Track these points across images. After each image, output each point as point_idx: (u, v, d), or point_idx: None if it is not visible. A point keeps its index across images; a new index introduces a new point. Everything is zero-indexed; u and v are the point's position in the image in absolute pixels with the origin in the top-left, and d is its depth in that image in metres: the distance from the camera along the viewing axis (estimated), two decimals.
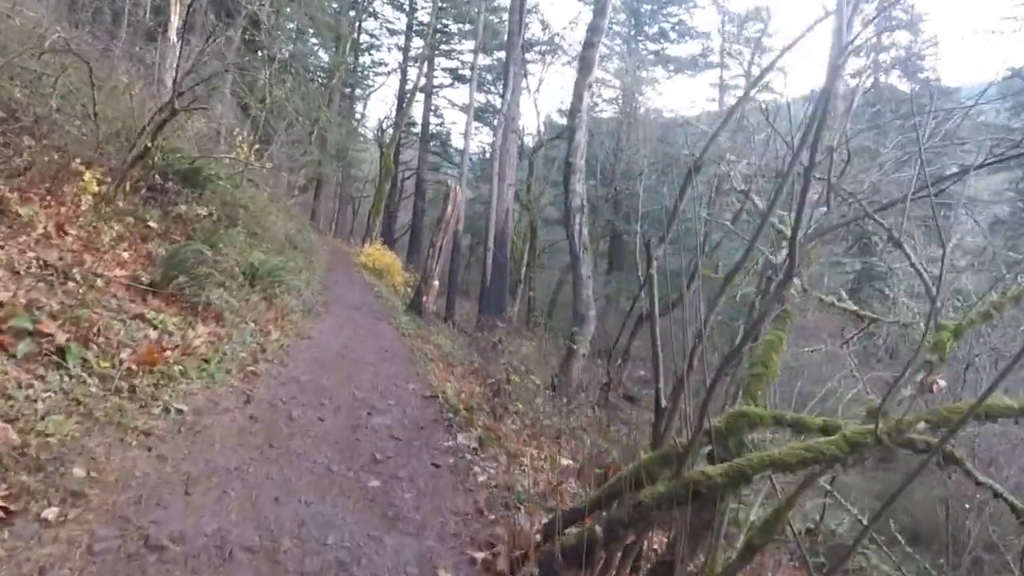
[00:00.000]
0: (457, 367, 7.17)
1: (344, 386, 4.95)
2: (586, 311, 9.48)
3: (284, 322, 6.69)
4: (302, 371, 5.07)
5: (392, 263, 15.79)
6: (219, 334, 4.93)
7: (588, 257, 9.65)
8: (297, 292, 8.74)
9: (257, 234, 9.44)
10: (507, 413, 5.41)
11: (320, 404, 4.31)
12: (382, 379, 5.47)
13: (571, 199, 9.68)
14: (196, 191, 7.89)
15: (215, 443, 3.15)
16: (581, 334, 9.43)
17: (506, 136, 15.77)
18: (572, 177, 9.73)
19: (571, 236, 9.72)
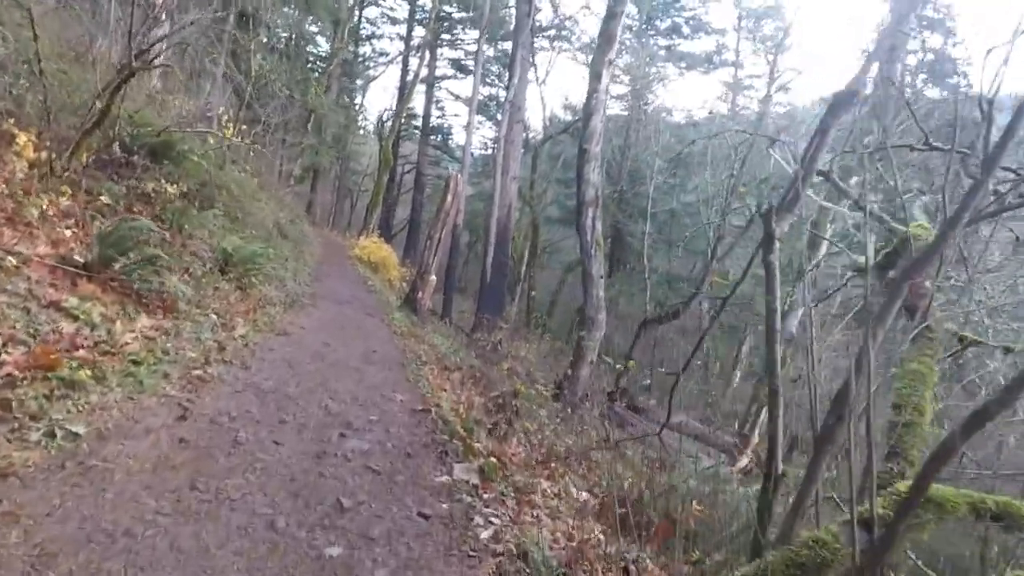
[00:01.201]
0: (454, 372, 6.22)
1: (316, 396, 3.98)
2: (595, 314, 8.54)
3: (258, 315, 5.73)
4: (267, 376, 4.10)
5: (388, 257, 14.83)
6: (165, 328, 3.96)
7: (600, 255, 8.71)
8: (280, 283, 7.79)
9: (239, 219, 8.47)
10: (512, 431, 4.46)
11: (280, 422, 3.35)
12: (365, 387, 4.51)
13: (584, 190, 8.74)
14: (168, 168, 6.93)
15: (110, 486, 2.19)
16: (590, 339, 8.49)
17: (511, 126, 14.83)
18: (586, 166, 8.79)
19: (582, 231, 8.78)
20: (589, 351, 8.53)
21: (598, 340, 8.60)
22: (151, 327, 3.91)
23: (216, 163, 8.99)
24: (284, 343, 5.26)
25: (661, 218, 21.05)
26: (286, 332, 5.75)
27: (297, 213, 15.05)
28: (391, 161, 20.15)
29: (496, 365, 8.73)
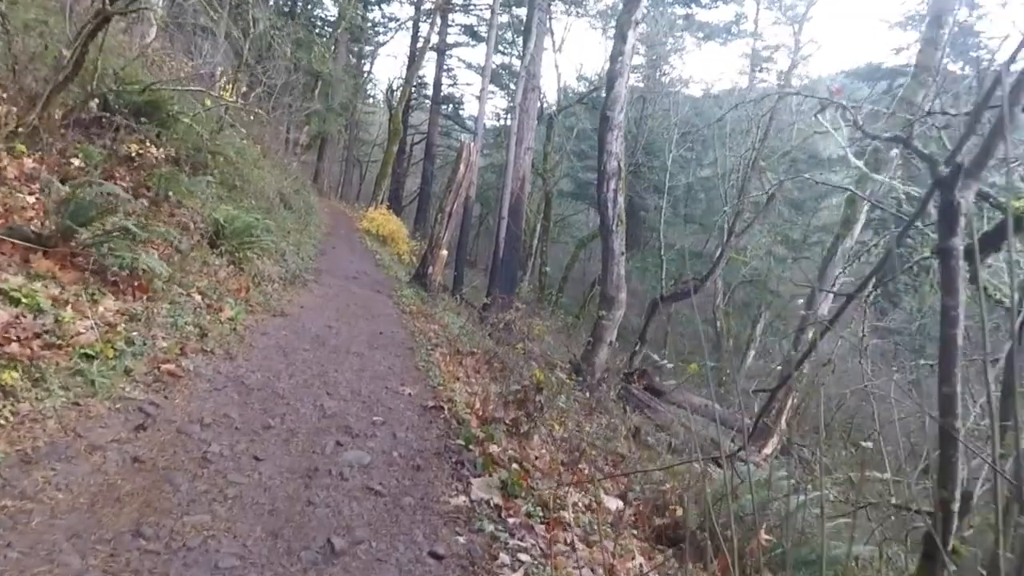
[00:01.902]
0: (467, 356, 5.62)
1: (312, 392, 3.39)
2: (616, 293, 7.86)
3: (251, 294, 5.12)
4: (255, 367, 3.51)
5: (397, 230, 14.15)
6: (134, 313, 3.36)
7: (622, 231, 7.97)
8: (281, 257, 7.16)
9: (237, 188, 7.81)
10: (535, 429, 3.86)
11: (264, 428, 2.76)
12: (369, 378, 3.91)
13: (606, 161, 7.95)
14: (156, 130, 6.25)
15: (20, 537, 1.61)
16: (609, 318, 7.84)
17: (526, 94, 13.87)
18: (608, 135, 7.97)
19: (603, 205, 8.03)
20: (608, 332, 7.90)
21: (618, 320, 7.95)
22: (117, 311, 3.30)
23: (212, 127, 8.29)
24: (280, 326, 4.66)
25: (675, 193, 20.11)
26: (283, 312, 5.15)
27: (303, 183, 14.34)
28: (400, 130, 19.24)
29: (510, 345, 8.13)
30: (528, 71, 13.93)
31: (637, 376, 8.91)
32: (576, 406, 6.65)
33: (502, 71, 24.92)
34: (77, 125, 5.64)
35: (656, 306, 12.37)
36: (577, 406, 6.66)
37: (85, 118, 5.77)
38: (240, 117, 11.19)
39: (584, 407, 6.97)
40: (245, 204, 7.56)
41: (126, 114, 5.96)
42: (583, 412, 6.68)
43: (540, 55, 14.62)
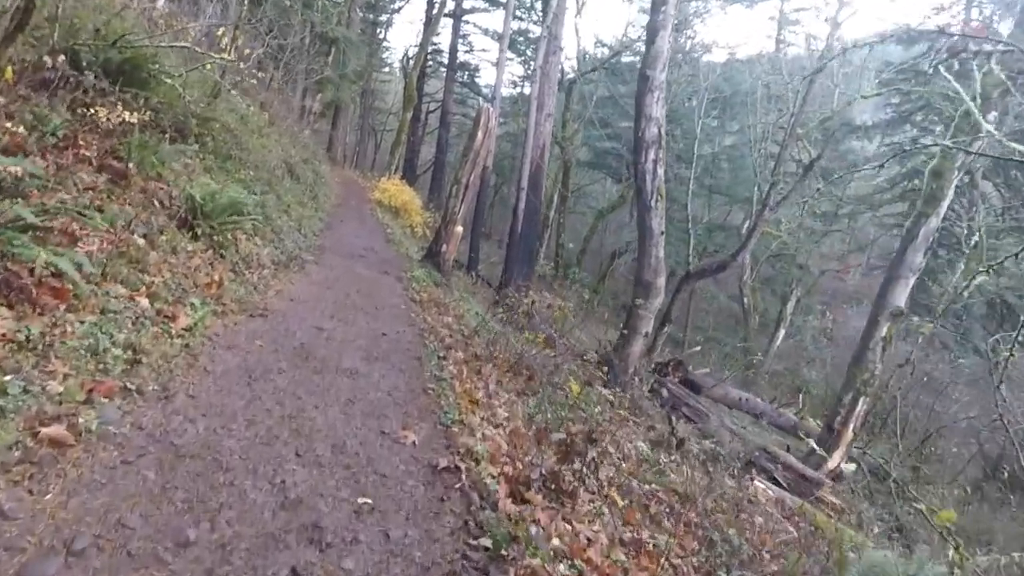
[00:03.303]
0: (487, 363, 4.47)
1: (273, 454, 2.27)
2: (654, 278, 6.61)
3: (229, 288, 3.99)
4: (198, 411, 2.39)
5: (411, 201, 12.87)
6: (31, 336, 2.23)
7: (661, 207, 6.64)
8: (276, 236, 6.01)
9: (233, 158, 6.57)
10: (582, 485, 2.74)
11: (179, 544, 1.64)
12: (361, 416, 2.79)
13: (644, 127, 6.56)
14: (134, 92, 5.03)
15: None
16: (646, 307, 6.62)
17: (548, 57, 12.24)
18: (648, 96, 6.55)
19: (640, 177, 6.69)
20: (644, 322, 6.69)
21: (656, 309, 6.74)
22: (3, 335, 2.19)
23: (206, 90, 7.02)
24: (256, 332, 3.53)
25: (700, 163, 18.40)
26: (266, 310, 4.02)
27: (313, 152, 13.02)
28: (415, 97, 17.64)
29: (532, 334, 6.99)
30: (550, 32, 12.25)
31: (671, 368, 7.75)
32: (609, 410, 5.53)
33: (519, 37, 22.88)
34: (42, 86, 4.46)
35: (684, 283, 11.07)
36: (610, 410, 5.53)
37: (50, 77, 4.55)
38: (243, 83, 9.87)
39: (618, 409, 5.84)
40: (240, 176, 6.36)
41: (98, 73, 4.75)
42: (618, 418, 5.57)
43: (563, 15, 12.86)
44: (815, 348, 14.65)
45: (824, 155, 12.68)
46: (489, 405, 3.53)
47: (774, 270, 17.46)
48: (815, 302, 16.60)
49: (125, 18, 5.88)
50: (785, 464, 5.90)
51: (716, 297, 16.49)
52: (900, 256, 6.57)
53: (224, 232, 4.55)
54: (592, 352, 7.68)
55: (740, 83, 17.65)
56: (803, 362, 14.15)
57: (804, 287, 14.97)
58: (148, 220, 4.07)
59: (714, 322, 16.50)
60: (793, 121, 12.13)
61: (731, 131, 19.03)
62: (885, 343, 6.83)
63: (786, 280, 16.23)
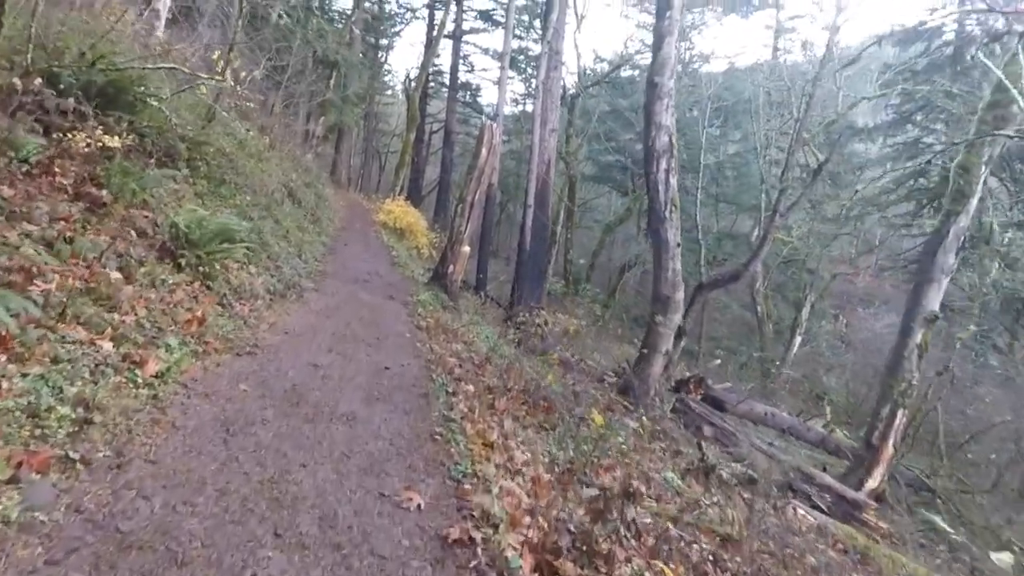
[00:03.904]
0: (502, 397, 4.01)
1: (245, 535, 1.83)
2: (671, 292, 6.15)
3: (213, 324, 3.58)
4: (158, 481, 1.95)
5: (416, 222, 12.55)
6: None
7: (676, 217, 6.21)
8: (273, 263, 5.63)
9: (227, 182, 6.24)
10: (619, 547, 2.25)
11: None
12: (357, 475, 2.33)
13: (655, 136, 6.17)
14: (120, 116, 4.74)
15: None
16: (665, 324, 6.14)
17: (550, 72, 11.99)
18: (657, 104, 6.18)
19: (652, 188, 6.28)
20: (663, 339, 6.21)
21: (675, 325, 6.25)
22: None
23: (200, 113, 6.76)
24: (241, 374, 3.10)
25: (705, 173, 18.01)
26: (256, 347, 3.60)
27: (316, 175, 12.78)
28: (418, 118, 17.49)
29: (546, 356, 6.53)
30: (551, 47, 12.03)
31: (692, 385, 7.22)
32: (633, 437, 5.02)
33: (519, 55, 22.87)
34: (19, 110, 4.16)
35: (697, 294, 10.57)
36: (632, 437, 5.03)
37: (27, 102, 4.26)
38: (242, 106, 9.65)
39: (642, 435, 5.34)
40: (236, 201, 6.03)
41: (79, 97, 4.47)
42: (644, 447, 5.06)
43: (563, 29, 12.66)
44: (832, 354, 14.02)
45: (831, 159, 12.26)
46: (505, 447, 3.07)
47: (785, 276, 16.95)
48: (827, 306, 16.04)
49: (116, 42, 5.64)
50: (823, 485, 5.37)
51: (728, 307, 15.93)
52: (930, 258, 6.08)
53: (212, 262, 4.17)
54: (610, 372, 7.19)
55: (741, 91, 17.39)
56: (821, 369, 13.51)
57: (816, 292, 14.41)
58: (126, 251, 3.71)
59: (728, 332, 15.91)
60: (798, 126, 11.73)
61: (734, 139, 18.68)
62: (921, 350, 6.33)
63: (798, 286, 15.70)
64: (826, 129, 13.90)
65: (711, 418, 6.66)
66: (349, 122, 16.97)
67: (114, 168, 4.07)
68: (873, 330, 14.52)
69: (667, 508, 3.01)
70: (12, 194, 3.53)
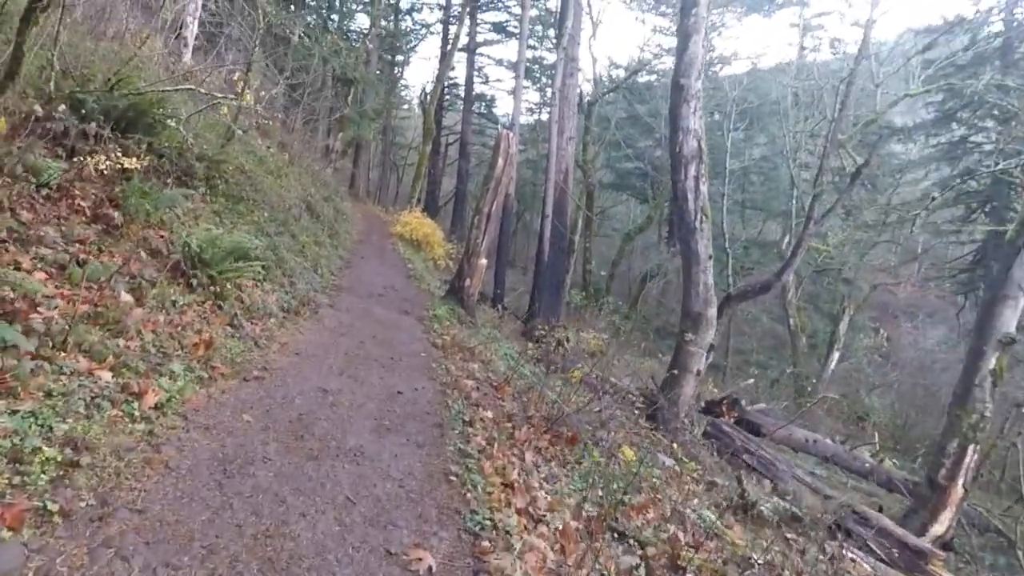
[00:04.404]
0: (523, 427, 3.75)
1: None
2: (704, 308, 5.81)
3: (222, 346, 3.43)
4: (142, 534, 1.76)
5: (432, 233, 12.44)
6: None
7: (707, 227, 5.89)
8: (288, 279, 5.51)
9: (245, 199, 6.19)
10: None
11: None
12: (361, 527, 2.11)
13: (682, 141, 5.89)
14: (139, 138, 4.74)
15: None
16: (697, 343, 5.79)
17: (566, 79, 11.81)
18: (684, 107, 5.91)
19: (681, 196, 5.98)
20: (695, 359, 5.85)
21: (707, 344, 5.89)
22: None
23: (219, 133, 6.75)
24: (246, 402, 2.93)
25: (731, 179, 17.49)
26: (265, 370, 3.43)
27: (335, 189, 12.81)
28: (433, 130, 17.51)
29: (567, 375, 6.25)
30: (567, 53, 11.86)
31: (725, 406, 6.82)
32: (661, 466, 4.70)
33: (533, 65, 22.84)
34: (43, 136, 4.17)
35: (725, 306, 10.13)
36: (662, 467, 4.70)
37: (51, 128, 4.26)
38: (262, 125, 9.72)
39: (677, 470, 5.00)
40: (253, 218, 5.97)
41: (100, 121, 4.47)
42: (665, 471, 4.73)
43: (579, 36, 12.49)
44: (875, 372, 13.20)
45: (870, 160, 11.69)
46: (527, 487, 2.81)
47: (818, 287, 16.15)
48: (866, 319, 15.18)
49: (141, 68, 5.67)
50: (882, 529, 4.85)
51: (758, 319, 15.28)
52: (1004, 273, 5.48)
53: (225, 281, 4.05)
54: (634, 391, 6.86)
55: (766, 93, 16.80)
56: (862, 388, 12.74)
57: (855, 303, 13.61)
58: (139, 272, 3.61)
59: (757, 346, 15.24)
60: (833, 127, 11.22)
61: (759, 143, 18.15)
62: (995, 377, 5.63)
63: (834, 297, 14.88)
64: (863, 129, 13.27)
65: (747, 444, 6.24)
66: (367, 136, 17.08)
67: (130, 189, 4.01)
68: (921, 346, 13.63)
69: (709, 562, 2.69)
70: (31, 218, 3.48)
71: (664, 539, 3.14)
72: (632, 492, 3.40)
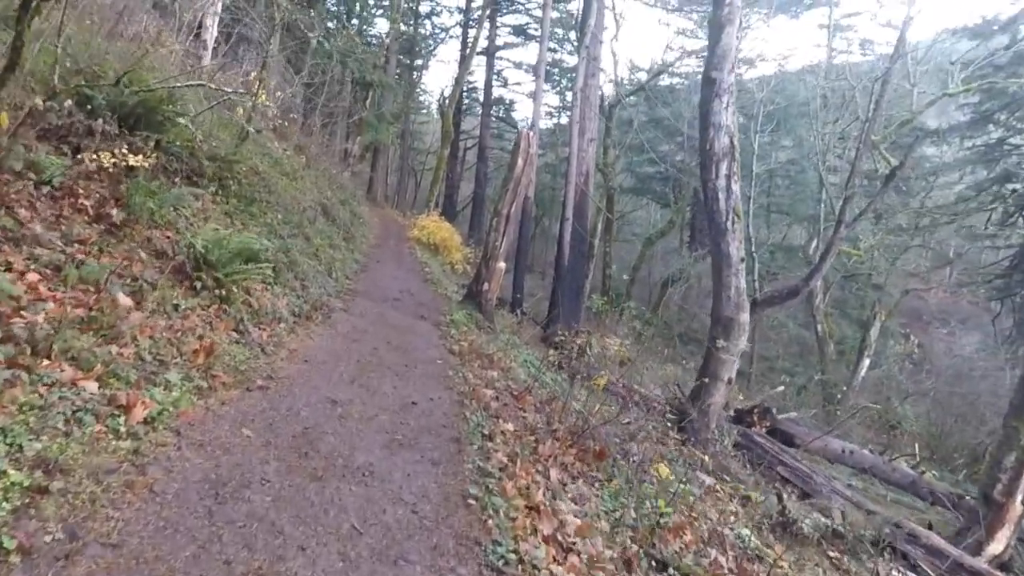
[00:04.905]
0: (547, 442, 3.44)
1: None
2: (736, 314, 5.43)
3: (225, 352, 3.21)
4: (115, 575, 1.51)
5: (450, 237, 12.24)
6: None
7: (739, 230, 5.50)
8: (301, 283, 5.31)
9: (258, 200, 6.03)
10: None
11: None
12: (369, 562, 1.83)
13: (714, 138, 5.54)
14: (151, 136, 4.60)
15: None
16: (728, 349, 5.41)
17: (587, 79, 11.52)
18: (715, 103, 5.56)
19: (711, 197, 5.63)
20: (726, 367, 5.47)
21: (739, 350, 5.51)
22: None
23: (235, 134, 6.62)
24: (247, 414, 2.69)
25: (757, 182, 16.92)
26: (270, 378, 3.20)
27: (352, 193, 12.72)
28: (452, 133, 17.38)
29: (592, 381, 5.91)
30: (589, 53, 11.57)
31: (756, 416, 6.40)
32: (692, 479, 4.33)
33: (552, 68, 22.61)
34: (49, 133, 4.05)
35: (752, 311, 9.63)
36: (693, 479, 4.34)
37: (58, 124, 4.13)
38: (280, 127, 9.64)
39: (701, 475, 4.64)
40: (266, 219, 5.80)
41: (108, 118, 4.34)
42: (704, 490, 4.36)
43: (601, 34, 12.20)
44: (907, 380, 12.54)
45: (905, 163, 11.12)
46: (554, 510, 2.50)
47: (847, 292, 15.50)
48: (895, 324, 14.50)
49: (154, 68, 5.58)
50: (933, 548, 4.42)
51: (784, 325, 14.69)
52: None
53: (231, 283, 3.85)
54: (659, 398, 6.48)
55: (794, 95, 16.33)
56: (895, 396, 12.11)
57: (886, 309, 12.98)
58: (140, 273, 3.42)
59: (783, 352, 14.65)
60: (867, 127, 10.69)
61: (785, 146, 17.59)
62: None
63: (863, 303, 14.24)
64: (898, 130, 12.70)
65: (781, 456, 5.82)
66: (385, 140, 17.04)
67: (135, 187, 3.84)
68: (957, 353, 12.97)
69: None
70: (28, 216, 3.32)
71: (706, 566, 2.80)
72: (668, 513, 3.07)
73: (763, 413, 6.52)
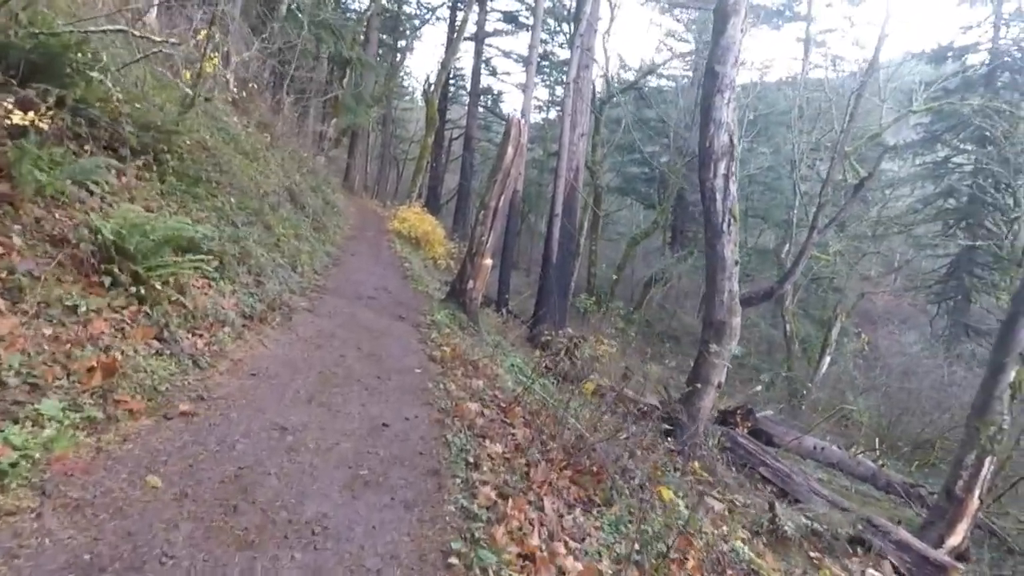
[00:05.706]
0: (538, 463, 2.85)
1: None
2: (728, 317, 4.98)
3: (140, 366, 2.51)
4: None
5: (432, 230, 11.51)
6: None
7: (735, 231, 5.05)
8: (256, 278, 4.58)
9: (206, 180, 5.21)
10: None
11: None
12: None
13: (714, 135, 5.03)
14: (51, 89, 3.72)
15: None
16: (719, 353, 4.96)
17: (580, 71, 10.93)
18: (717, 97, 5.05)
19: (708, 197, 5.13)
20: (717, 371, 5.02)
21: (730, 355, 5.08)
22: None
23: (174, 99, 5.68)
24: (157, 453, 2.00)
25: None
26: (199, 401, 2.52)
27: (325, 179, 11.85)
28: (436, 120, 16.53)
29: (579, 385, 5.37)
30: (583, 43, 10.97)
31: (739, 416, 6.05)
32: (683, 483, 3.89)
33: (543, 61, 21.94)
34: None
35: None
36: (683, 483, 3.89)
37: None
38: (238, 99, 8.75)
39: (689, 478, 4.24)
40: (215, 203, 5.02)
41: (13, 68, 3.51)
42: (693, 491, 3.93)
43: (596, 24, 11.62)
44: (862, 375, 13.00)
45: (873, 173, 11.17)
46: (552, 556, 1.93)
47: (810, 294, 16.05)
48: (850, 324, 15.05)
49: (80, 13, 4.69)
50: (901, 542, 4.31)
51: (756, 325, 14.82)
52: None
53: (156, 278, 3.12)
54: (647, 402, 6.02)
55: (774, 103, 16.52)
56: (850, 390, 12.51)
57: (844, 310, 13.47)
58: (15, 265, 2.65)
59: (754, 350, 14.82)
60: (841, 138, 10.56)
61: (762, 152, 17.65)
62: (1014, 390, 5.30)
63: (824, 304, 14.78)
64: (868, 143, 12.94)
65: (764, 457, 5.50)
66: (364, 125, 16.10)
67: (21, 152, 3.02)
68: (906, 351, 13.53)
69: None
70: None
71: None
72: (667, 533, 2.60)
73: (746, 414, 6.25)
